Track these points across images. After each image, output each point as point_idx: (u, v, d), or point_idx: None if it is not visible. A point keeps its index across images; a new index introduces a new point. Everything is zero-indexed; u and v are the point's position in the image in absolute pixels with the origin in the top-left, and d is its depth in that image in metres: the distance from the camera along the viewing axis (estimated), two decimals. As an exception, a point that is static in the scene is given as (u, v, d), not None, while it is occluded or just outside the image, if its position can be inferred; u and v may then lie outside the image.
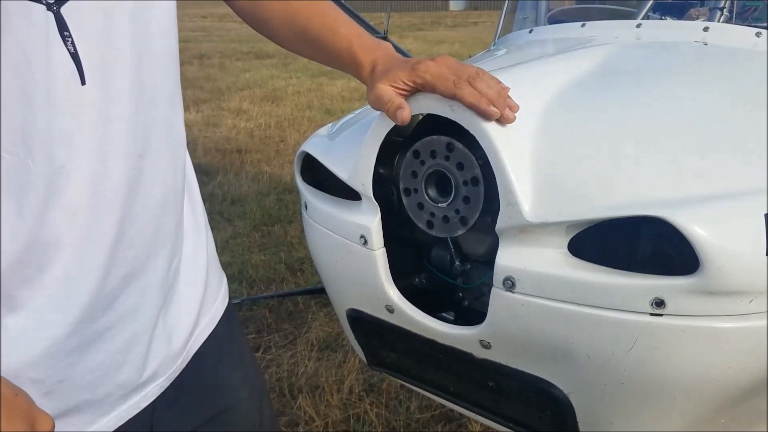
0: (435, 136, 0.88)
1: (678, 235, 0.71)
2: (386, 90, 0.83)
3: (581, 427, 0.89)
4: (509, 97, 0.82)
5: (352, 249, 1.00)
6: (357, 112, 1.18)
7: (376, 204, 0.96)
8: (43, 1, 0.56)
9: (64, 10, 0.58)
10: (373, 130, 0.92)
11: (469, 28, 14.17)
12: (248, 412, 0.90)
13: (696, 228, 0.71)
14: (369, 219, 0.96)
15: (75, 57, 0.59)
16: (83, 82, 0.60)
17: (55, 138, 0.59)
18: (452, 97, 0.80)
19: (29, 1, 0.55)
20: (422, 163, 0.90)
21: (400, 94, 0.83)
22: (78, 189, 0.61)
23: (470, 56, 1.73)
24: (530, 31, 1.57)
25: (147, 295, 0.72)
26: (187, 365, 0.80)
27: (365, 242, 0.97)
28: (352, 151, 0.97)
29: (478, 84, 0.80)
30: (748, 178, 0.82)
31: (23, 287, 0.61)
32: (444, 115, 0.83)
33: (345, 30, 0.87)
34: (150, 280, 0.72)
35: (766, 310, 0.76)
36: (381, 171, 0.96)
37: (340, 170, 1.00)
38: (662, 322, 0.75)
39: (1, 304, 0.60)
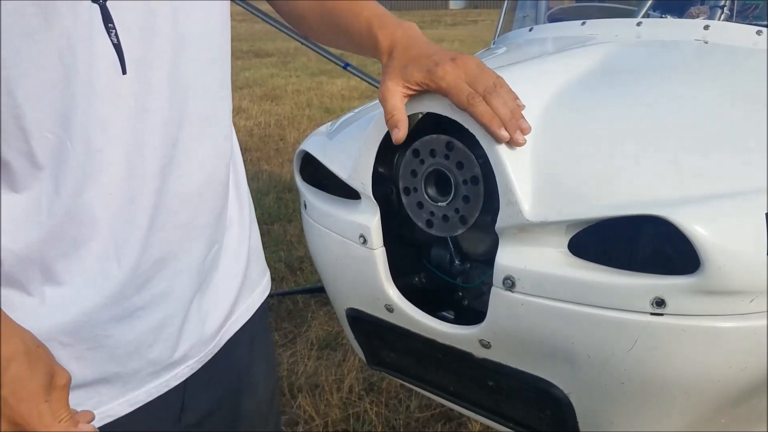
0: (435, 135, 0.88)
1: (678, 234, 0.71)
2: (394, 94, 0.81)
3: (581, 427, 0.89)
4: (522, 117, 0.79)
5: (351, 248, 0.99)
6: (356, 110, 1.18)
7: (376, 203, 0.95)
8: None
9: (110, 3, 0.61)
10: (373, 128, 0.91)
11: (468, 26, 14.16)
12: (263, 403, 0.95)
13: (696, 227, 0.70)
14: (368, 218, 0.96)
15: (118, 48, 0.62)
16: (124, 72, 0.63)
17: (93, 124, 0.62)
18: (465, 110, 0.78)
19: None
20: (422, 162, 0.90)
21: (410, 94, 0.82)
22: (113, 173, 0.65)
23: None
24: (530, 30, 1.57)
25: (180, 280, 0.75)
26: (219, 350, 0.83)
27: (365, 241, 0.97)
28: (352, 149, 0.97)
29: (494, 101, 0.77)
30: (749, 177, 0.81)
31: (61, 261, 0.65)
32: (444, 114, 0.83)
33: (368, 12, 0.85)
34: (184, 266, 0.75)
35: (766, 309, 0.75)
36: (380, 170, 0.96)
37: (340, 169, 1.00)
38: (663, 321, 0.75)
39: (41, 275, 0.65)
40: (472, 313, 0.99)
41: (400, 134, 0.81)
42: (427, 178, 0.90)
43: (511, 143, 0.79)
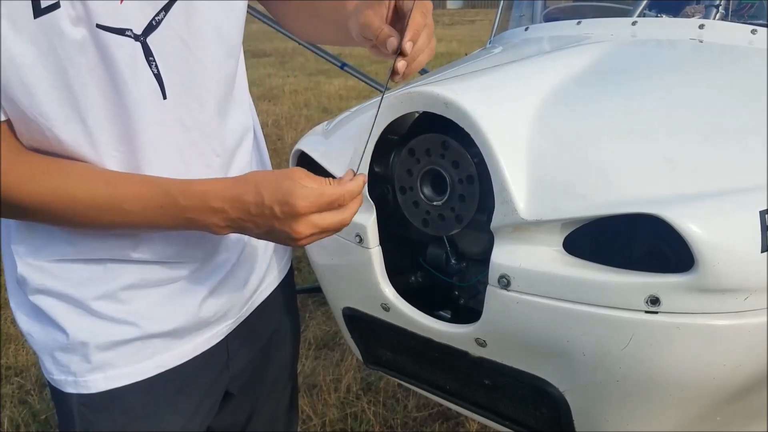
0: (430, 135, 0.88)
1: (673, 232, 0.71)
2: (373, 18, 0.78)
3: (577, 425, 0.89)
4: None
5: (347, 248, 0.99)
6: (352, 110, 1.18)
7: (372, 202, 0.96)
8: (132, 35, 0.71)
9: (150, 39, 0.73)
10: (369, 128, 0.92)
11: (465, 26, 14.16)
12: (288, 354, 1.09)
13: (691, 225, 0.71)
14: (364, 217, 0.96)
15: (158, 77, 0.75)
16: (164, 97, 0.76)
17: (146, 143, 0.76)
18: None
19: (121, 37, 0.70)
20: (417, 161, 0.90)
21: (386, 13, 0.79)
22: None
23: (466, 54, 1.73)
24: (526, 29, 1.57)
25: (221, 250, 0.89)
26: (254, 310, 0.97)
27: (360, 241, 0.97)
28: (348, 149, 0.97)
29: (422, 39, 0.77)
30: (744, 175, 0.82)
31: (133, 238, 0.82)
32: (439, 113, 0.83)
33: (351, 5, 0.87)
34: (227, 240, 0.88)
35: (760, 307, 0.76)
36: (376, 169, 0.96)
37: (336, 168, 1.00)
38: (657, 319, 0.75)
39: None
40: (468, 311, 0.99)
41: (395, 40, 0.77)
42: (422, 177, 0.90)
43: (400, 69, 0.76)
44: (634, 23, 1.32)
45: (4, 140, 0.71)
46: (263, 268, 0.97)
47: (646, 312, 0.75)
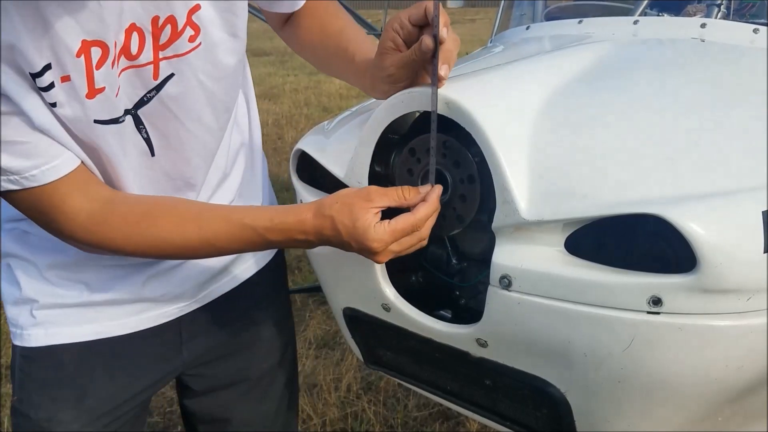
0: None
1: (675, 232, 0.71)
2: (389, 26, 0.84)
3: (578, 425, 0.89)
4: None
5: (348, 247, 0.99)
6: (353, 109, 1.18)
7: (372, 202, 0.95)
8: (124, 111, 0.80)
9: (141, 111, 0.82)
10: (370, 127, 0.91)
11: (466, 25, 14.16)
12: (273, 357, 1.14)
13: (693, 226, 0.70)
14: (365, 217, 0.95)
15: (148, 141, 0.85)
16: (153, 155, 0.87)
17: (131, 186, 0.87)
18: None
19: (113, 122, 0.80)
20: (418, 161, 0.90)
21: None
22: None
23: (467, 53, 1.73)
24: (527, 28, 1.56)
25: None
26: (218, 298, 1.03)
27: (361, 240, 0.96)
28: (348, 148, 0.97)
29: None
30: (746, 175, 0.81)
31: None
32: (440, 112, 0.83)
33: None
34: None
35: (763, 308, 0.75)
36: (377, 169, 0.96)
37: (336, 168, 0.99)
38: (659, 320, 0.75)
39: None
40: (469, 312, 0.98)
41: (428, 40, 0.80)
42: (423, 177, 0.90)
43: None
44: (635, 22, 1.32)
45: (85, 194, 0.81)
46: (227, 259, 1.02)
47: (648, 312, 0.75)
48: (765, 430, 0.94)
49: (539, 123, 0.86)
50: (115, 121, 0.79)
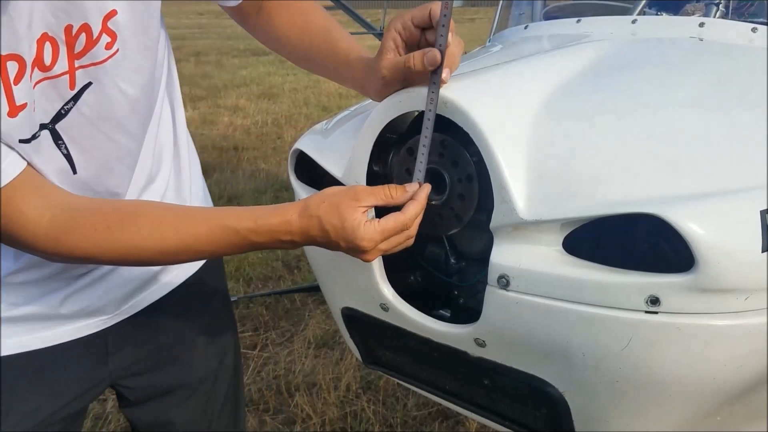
0: (429, 134, 0.88)
1: (673, 232, 0.71)
2: (389, 32, 0.84)
3: (577, 425, 0.89)
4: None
5: (346, 247, 0.99)
6: (351, 109, 1.18)
7: (370, 202, 0.95)
8: (40, 126, 0.76)
9: (59, 125, 0.78)
10: (367, 127, 0.91)
11: (466, 24, 14.15)
12: (210, 370, 1.11)
13: (691, 225, 0.70)
14: (363, 217, 0.95)
15: (68, 157, 0.81)
16: (75, 172, 0.82)
17: None
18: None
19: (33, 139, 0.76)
20: (416, 160, 0.90)
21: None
22: None
23: (466, 52, 1.73)
24: (525, 28, 1.56)
25: None
26: (144, 309, 1.00)
27: (359, 240, 0.96)
28: (346, 148, 0.97)
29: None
30: (744, 175, 0.81)
31: None
32: (438, 112, 0.83)
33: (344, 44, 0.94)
34: None
35: (761, 307, 0.75)
36: (375, 168, 0.96)
37: (334, 168, 0.99)
38: (657, 319, 0.75)
39: None
40: (468, 311, 0.98)
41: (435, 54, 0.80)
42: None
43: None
44: (634, 21, 1.31)
45: (43, 198, 0.76)
46: (153, 270, 0.99)
47: (646, 312, 0.75)
48: (765, 431, 0.94)
49: (537, 122, 0.86)
50: (34, 137, 0.75)
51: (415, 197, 0.81)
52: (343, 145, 1.00)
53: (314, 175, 1.10)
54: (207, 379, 1.11)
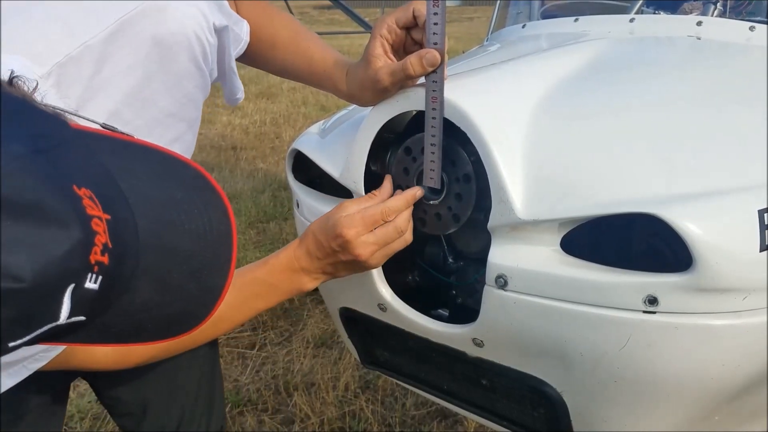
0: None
1: (671, 232, 0.71)
2: (375, 38, 0.83)
3: (575, 425, 0.89)
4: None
5: (344, 247, 0.99)
6: (348, 109, 1.18)
7: (368, 202, 0.95)
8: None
9: None
10: (365, 127, 0.91)
11: (464, 23, 14.14)
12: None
13: (689, 225, 0.70)
14: (361, 217, 0.95)
15: None
16: None
17: None
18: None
19: None
20: (414, 160, 0.90)
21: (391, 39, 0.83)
22: None
23: (464, 52, 1.73)
24: (523, 26, 1.56)
25: None
26: None
27: (357, 240, 0.96)
28: (344, 148, 0.97)
29: None
30: (742, 174, 0.81)
31: None
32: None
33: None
34: None
35: (759, 306, 0.75)
36: (373, 168, 0.95)
37: (332, 168, 0.99)
38: (655, 319, 0.75)
39: None
40: (466, 311, 0.98)
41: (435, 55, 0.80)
42: (419, 176, 0.90)
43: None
44: (631, 20, 1.31)
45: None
46: None
47: (644, 312, 0.75)
48: (764, 431, 0.94)
49: (535, 122, 0.86)
50: None
51: (402, 192, 0.84)
52: (340, 145, 0.99)
53: (312, 175, 1.10)
54: (183, 367, 1.12)
